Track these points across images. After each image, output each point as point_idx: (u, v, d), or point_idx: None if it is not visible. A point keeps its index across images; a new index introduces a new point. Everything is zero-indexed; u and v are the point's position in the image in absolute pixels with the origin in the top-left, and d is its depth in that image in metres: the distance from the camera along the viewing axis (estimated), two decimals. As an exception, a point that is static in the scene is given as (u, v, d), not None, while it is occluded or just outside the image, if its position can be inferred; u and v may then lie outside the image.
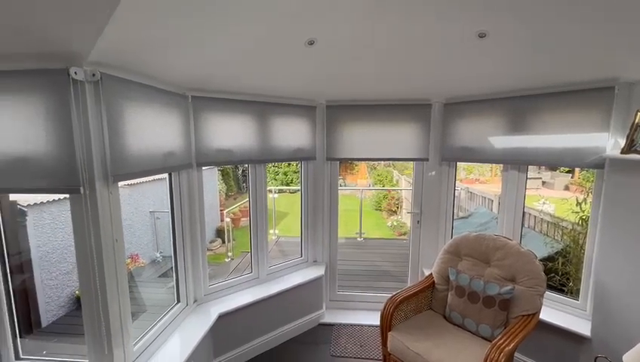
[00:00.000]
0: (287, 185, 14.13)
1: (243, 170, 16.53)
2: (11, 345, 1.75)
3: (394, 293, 2.37)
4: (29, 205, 3.97)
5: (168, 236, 6.49)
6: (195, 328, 2.24)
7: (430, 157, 2.98)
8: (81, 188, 1.46)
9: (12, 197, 2.83)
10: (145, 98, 1.80)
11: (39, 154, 1.44)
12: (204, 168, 2.44)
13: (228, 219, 6.14)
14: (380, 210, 10.74)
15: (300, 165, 3.14)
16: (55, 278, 4.28)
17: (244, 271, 2.94)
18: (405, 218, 9.06)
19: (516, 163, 2.51)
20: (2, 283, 1.72)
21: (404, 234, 8.17)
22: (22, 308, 3.20)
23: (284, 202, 11.09)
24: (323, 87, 2.72)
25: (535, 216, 4.40)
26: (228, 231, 6.08)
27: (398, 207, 10.03)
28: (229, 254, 5.93)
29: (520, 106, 2.40)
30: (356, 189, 9.05)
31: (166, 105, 2.00)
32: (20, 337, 1.82)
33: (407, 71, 2.36)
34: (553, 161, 2.32)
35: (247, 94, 2.51)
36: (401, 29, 1.84)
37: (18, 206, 3.83)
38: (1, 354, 1.73)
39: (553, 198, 5.27)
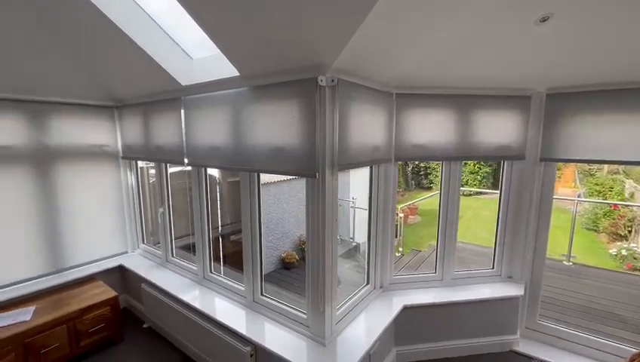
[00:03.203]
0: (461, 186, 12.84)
1: (413, 167, 16.33)
2: (259, 283, 2.42)
3: (648, 349, 1.71)
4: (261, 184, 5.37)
5: (346, 222, 7.19)
6: (382, 312, 2.38)
7: None
8: (317, 174, 1.81)
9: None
10: (362, 98, 2.02)
11: (291, 145, 1.88)
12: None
13: (401, 215, 6.21)
14: (596, 230, 8.11)
15: (502, 165, 2.75)
16: (270, 241, 5.62)
17: (417, 269, 2.88)
18: (645, 248, 6.46)
19: None
20: (258, 238, 2.40)
21: (642, 269, 5.84)
22: (254, 259, 4.37)
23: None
24: (545, 72, 2.25)
25: None
26: (399, 226, 6.17)
27: (630, 231, 7.26)
28: (400, 249, 6.01)
29: None
30: (569, 200, 7.07)
31: (376, 104, 2.18)
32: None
33: None
34: None
35: (450, 88, 2.41)
36: None
37: (255, 184, 5.24)
38: (253, 289, 2.42)
39: None
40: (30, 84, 2.71)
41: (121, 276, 3.41)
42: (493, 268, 2.85)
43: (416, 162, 14.64)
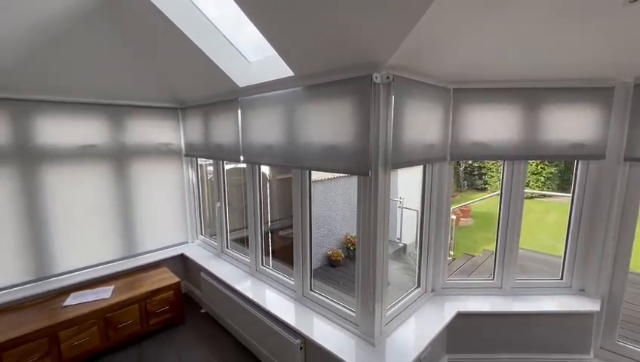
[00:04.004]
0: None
1: (466, 167, 15.41)
2: (308, 278, 2.47)
3: None
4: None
5: (393, 222, 7.02)
6: (434, 317, 2.29)
7: None
8: (370, 172, 1.79)
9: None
10: (418, 94, 1.96)
11: (343, 143, 1.88)
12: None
13: (453, 217, 5.90)
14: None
15: (575, 166, 2.47)
16: (316, 238, 5.71)
17: (470, 275, 2.70)
18: None
19: None
20: (308, 234, 2.45)
21: None
22: (301, 254, 4.47)
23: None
24: (635, 60, 1.97)
25: None
26: (451, 228, 5.87)
27: None
28: (451, 253, 5.73)
29: None
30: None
31: (432, 100, 2.10)
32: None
33: None
34: None
35: (515, 81, 2.22)
36: None
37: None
38: (303, 283, 2.48)
39: None
40: (111, 89, 3.06)
41: (182, 264, 3.72)
42: (561, 278, 2.58)
43: (470, 161, 13.80)
